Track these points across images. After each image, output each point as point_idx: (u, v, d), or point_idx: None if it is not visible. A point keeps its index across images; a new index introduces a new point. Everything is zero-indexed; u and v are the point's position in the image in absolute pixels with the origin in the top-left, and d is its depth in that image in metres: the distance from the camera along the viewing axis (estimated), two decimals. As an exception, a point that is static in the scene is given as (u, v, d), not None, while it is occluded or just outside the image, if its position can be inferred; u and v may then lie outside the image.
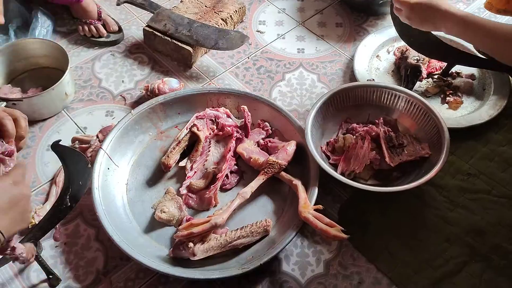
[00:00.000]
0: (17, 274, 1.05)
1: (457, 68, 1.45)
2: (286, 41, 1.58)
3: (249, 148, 1.22)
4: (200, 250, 1.01)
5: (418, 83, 1.42)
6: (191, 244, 1.01)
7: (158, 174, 1.21)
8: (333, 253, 1.11)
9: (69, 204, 0.91)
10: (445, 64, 1.43)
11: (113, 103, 1.38)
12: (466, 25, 1.11)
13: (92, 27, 1.50)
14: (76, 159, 0.91)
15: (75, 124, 1.32)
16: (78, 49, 1.51)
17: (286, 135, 1.27)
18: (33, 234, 0.92)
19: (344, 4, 1.70)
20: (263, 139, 1.26)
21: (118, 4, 1.51)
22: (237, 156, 1.23)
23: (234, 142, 1.23)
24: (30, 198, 0.79)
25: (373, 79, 1.41)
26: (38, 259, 1.00)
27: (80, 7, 1.47)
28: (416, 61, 1.41)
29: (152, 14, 1.50)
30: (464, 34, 1.14)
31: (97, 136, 1.24)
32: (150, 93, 1.33)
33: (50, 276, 1.02)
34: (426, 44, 1.34)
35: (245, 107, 1.25)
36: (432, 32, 1.30)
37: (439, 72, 1.45)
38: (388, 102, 1.30)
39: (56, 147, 0.87)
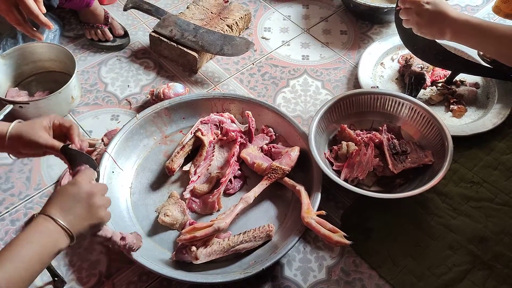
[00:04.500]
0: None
1: (461, 76, 1.45)
2: (291, 48, 1.59)
3: (253, 153, 1.23)
4: (202, 254, 1.01)
5: (422, 91, 1.42)
6: (193, 248, 1.01)
7: (162, 178, 1.22)
8: (336, 259, 1.11)
9: None
10: (449, 72, 1.43)
11: (119, 107, 1.39)
12: (474, 29, 1.10)
13: (98, 30, 1.51)
14: (85, 162, 0.92)
15: (81, 127, 1.33)
16: (85, 53, 1.53)
17: (289, 141, 1.27)
18: None
19: (349, 12, 1.71)
20: (266, 144, 1.27)
21: (125, 10, 1.52)
22: (241, 161, 1.24)
23: (238, 147, 1.24)
24: (99, 193, 0.82)
25: (377, 87, 1.42)
26: None
27: (88, 11, 1.49)
28: (420, 69, 1.41)
29: (158, 20, 1.51)
30: (471, 39, 1.13)
31: (102, 140, 1.25)
32: (156, 98, 1.34)
33: (55, 279, 1.03)
34: (430, 52, 1.35)
35: (249, 112, 1.25)
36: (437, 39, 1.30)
37: (443, 80, 1.46)
38: (392, 110, 1.30)
39: (66, 150, 0.88)
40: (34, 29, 1.12)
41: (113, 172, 1.17)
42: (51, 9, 1.31)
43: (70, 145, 0.89)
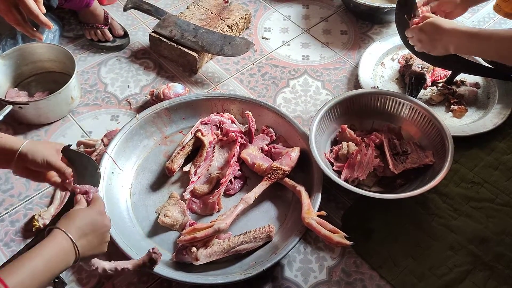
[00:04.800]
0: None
1: (461, 76, 1.45)
2: (291, 48, 1.59)
3: (253, 154, 1.23)
4: (203, 255, 1.01)
5: (422, 91, 1.42)
6: (194, 249, 1.01)
7: (162, 179, 1.21)
8: (336, 259, 1.10)
9: None
10: (450, 72, 1.43)
11: (119, 107, 1.39)
12: (472, 37, 1.13)
13: (98, 31, 1.51)
14: (86, 164, 0.91)
15: (81, 128, 1.33)
16: (84, 54, 1.52)
17: (290, 141, 1.27)
18: (41, 237, 0.92)
19: (349, 12, 1.70)
20: (267, 145, 1.27)
21: (124, 10, 1.52)
22: (241, 162, 1.24)
23: (238, 147, 1.23)
24: (109, 231, 0.86)
25: (377, 87, 1.42)
26: None
27: (88, 11, 1.49)
28: (420, 69, 1.41)
29: (158, 20, 1.51)
30: (471, 47, 1.16)
31: (102, 140, 1.25)
32: (155, 98, 1.34)
33: (56, 280, 1.02)
34: (430, 52, 1.35)
35: (250, 113, 1.25)
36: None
37: (443, 80, 1.45)
38: (392, 110, 1.30)
39: (67, 151, 0.87)
40: (34, 29, 1.12)
41: (113, 172, 1.17)
42: (50, 9, 1.30)
43: (71, 146, 0.89)
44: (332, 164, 1.23)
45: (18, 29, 1.12)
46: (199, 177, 1.19)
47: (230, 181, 1.19)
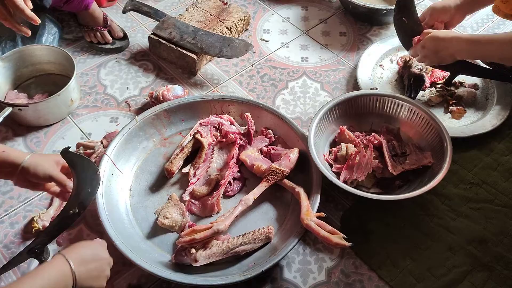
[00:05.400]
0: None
1: (460, 77, 1.45)
2: (290, 49, 1.59)
3: (252, 155, 1.23)
4: (202, 256, 1.01)
5: (421, 92, 1.42)
6: (193, 250, 1.01)
7: (161, 180, 1.22)
8: (335, 260, 1.11)
9: (77, 210, 0.92)
10: (448, 73, 1.44)
11: (118, 109, 1.39)
12: (474, 43, 1.19)
13: (97, 33, 1.51)
14: (86, 166, 0.92)
15: (80, 130, 1.33)
16: (84, 56, 1.53)
17: (289, 142, 1.27)
18: (41, 239, 0.92)
19: (348, 14, 1.71)
20: (266, 146, 1.27)
21: (124, 12, 1.52)
22: (240, 163, 1.24)
23: (237, 149, 1.24)
24: (110, 266, 0.90)
25: (376, 88, 1.42)
26: None
27: (87, 14, 1.49)
28: (419, 71, 1.41)
29: (157, 22, 1.51)
30: (475, 51, 1.21)
31: (102, 142, 1.25)
32: (155, 100, 1.34)
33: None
34: (429, 53, 1.35)
35: (249, 114, 1.25)
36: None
37: (442, 81, 1.46)
38: (391, 111, 1.30)
39: (66, 153, 0.88)
40: (21, 24, 1.12)
41: (112, 174, 1.17)
42: (43, 9, 1.30)
43: (70, 148, 0.89)
44: (331, 166, 1.23)
45: (5, 25, 1.11)
46: (198, 178, 1.20)
47: (229, 183, 1.20)
